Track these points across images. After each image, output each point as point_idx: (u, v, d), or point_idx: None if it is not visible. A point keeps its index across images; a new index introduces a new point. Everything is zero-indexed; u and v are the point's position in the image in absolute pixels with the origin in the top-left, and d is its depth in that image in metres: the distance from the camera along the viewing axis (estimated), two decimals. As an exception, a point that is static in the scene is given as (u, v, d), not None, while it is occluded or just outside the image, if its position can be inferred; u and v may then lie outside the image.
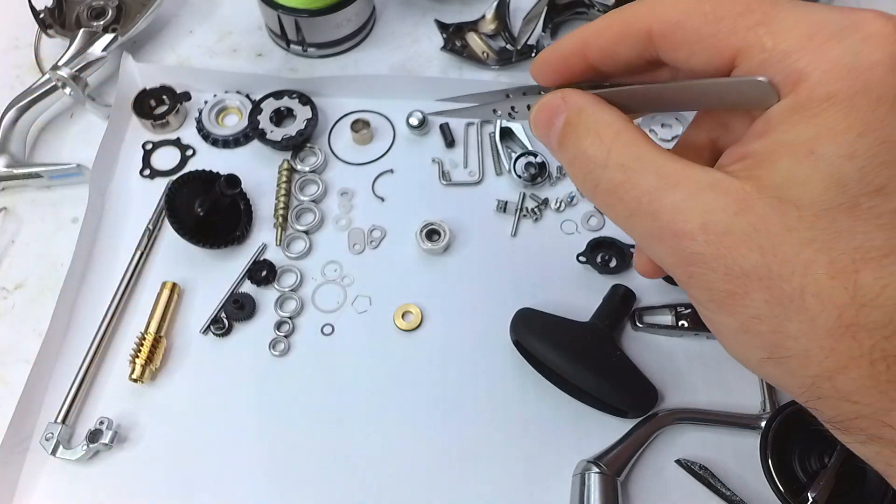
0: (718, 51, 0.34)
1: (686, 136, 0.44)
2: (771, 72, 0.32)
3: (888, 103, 0.30)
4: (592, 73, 0.41)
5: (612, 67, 0.40)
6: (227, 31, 0.92)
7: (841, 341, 0.30)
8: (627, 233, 0.38)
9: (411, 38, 0.91)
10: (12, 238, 0.77)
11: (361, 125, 0.81)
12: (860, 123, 0.30)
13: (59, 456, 0.63)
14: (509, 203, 0.77)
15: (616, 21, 0.39)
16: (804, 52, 0.31)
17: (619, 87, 0.39)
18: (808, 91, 0.31)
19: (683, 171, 0.34)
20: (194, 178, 0.73)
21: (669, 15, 0.36)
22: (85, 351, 0.68)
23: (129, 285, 0.72)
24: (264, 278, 0.72)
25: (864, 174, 0.30)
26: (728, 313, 0.34)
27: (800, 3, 0.33)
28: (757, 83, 0.33)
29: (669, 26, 0.36)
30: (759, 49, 0.33)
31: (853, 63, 0.30)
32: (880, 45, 0.30)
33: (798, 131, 0.31)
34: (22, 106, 0.79)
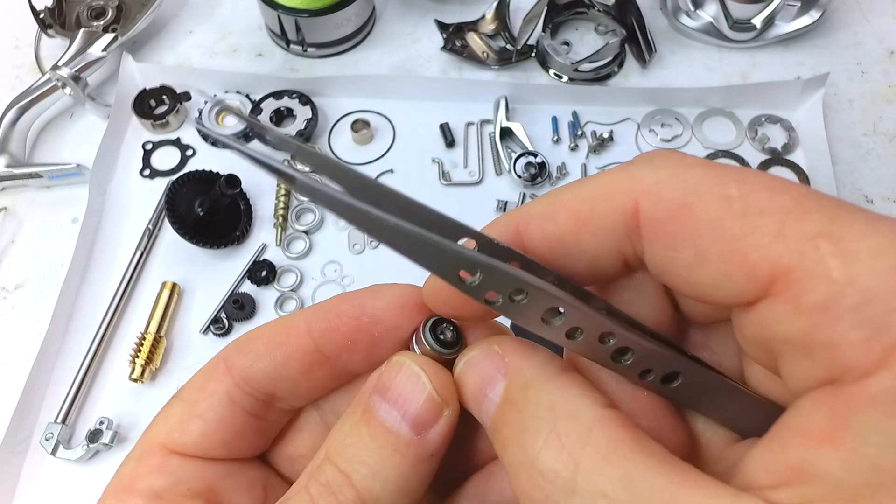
0: (747, 264, 0.22)
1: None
2: (843, 323, 0.21)
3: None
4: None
5: (566, 267, 0.27)
6: (227, 31, 0.92)
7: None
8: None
9: (411, 38, 0.91)
10: (12, 238, 0.77)
11: (361, 125, 0.81)
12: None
13: (59, 456, 0.63)
14: (509, 203, 0.77)
15: (580, 194, 0.26)
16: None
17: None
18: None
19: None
20: (194, 178, 0.73)
21: (671, 191, 0.24)
22: (85, 351, 0.68)
23: (129, 285, 0.72)
24: (264, 278, 0.72)
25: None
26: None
27: (867, 212, 0.22)
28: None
29: (670, 208, 0.23)
30: (822, 278, 0.21)
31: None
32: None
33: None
34: (22, 106, 0.79)
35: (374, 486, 0.26)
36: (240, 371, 0.30)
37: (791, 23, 0.87)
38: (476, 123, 0.83)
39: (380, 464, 0.27)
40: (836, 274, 0.21)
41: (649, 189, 0.24)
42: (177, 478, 0.29)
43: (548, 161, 0.78)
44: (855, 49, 0.89)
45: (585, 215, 0.25)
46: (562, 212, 0.26)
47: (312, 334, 0.30)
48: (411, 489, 0.27)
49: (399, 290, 0.30)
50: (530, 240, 0.27)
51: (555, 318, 0.25)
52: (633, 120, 0.83)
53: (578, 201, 0.26)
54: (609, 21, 0.89)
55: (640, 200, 0.24)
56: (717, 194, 0.23)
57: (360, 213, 0.22)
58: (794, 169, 0.80)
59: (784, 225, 0.22)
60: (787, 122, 0.83)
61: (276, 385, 0.30)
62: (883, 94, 0.86)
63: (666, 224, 0.24)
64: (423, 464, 0.27)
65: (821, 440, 0.21)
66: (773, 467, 0.22)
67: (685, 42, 0.90)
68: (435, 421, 0.27)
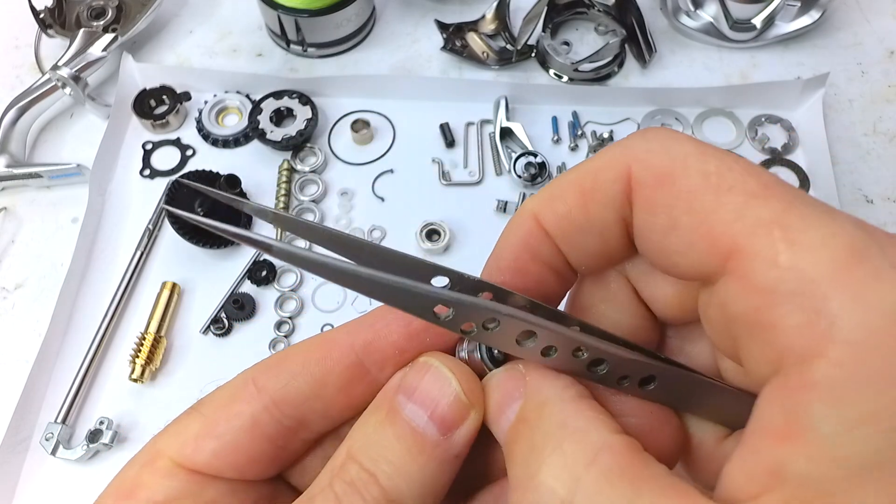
0: (711, 237, 0.24)
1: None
2: (783, 307, 0.22)
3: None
4: (561, 270, 0.30)
5: (583, 248, 0.29)
6: (227, 31, 0.92)
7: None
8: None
9: (411, 38, 0.91)
10: (12, 238, 0.77)
11: (361, 125, 0.81)
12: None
13: (59, 456, 0.63)
14: (509, 203, 0.77)
15: (583, 170, 0.28)
16: (835, 288, 0.21)
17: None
18: (858, 357, 0.20)
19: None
20: (194, 178, 0.73)
21: (657, 160, 0.25)
22: (85, 351, 0.68)
23: (129, 285, 0.72)
24: (264, 278, 0.72)
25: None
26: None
27: (824, 206, 0.23)
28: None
29: (655, 175, 0.25)
30: (769, 261, 0.22)
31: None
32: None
33: (869, 439, 0.20)
34: (22, 106, 0.79)
35: (400, 486, 0.26)
36: (271, 393, 0.29)
37: (791, 23, 0.87)
38: (476, 123, 0.83)
39: (406, 464, 0.27)
40: (782, 258, 0.22)
41: (640, 156, 0.26)
42: (179, 492, 0.28)
43: (548, 161, 0.78)
44: (855, 49, 0.89)
45: (589, 187, 0.27)
46: (568, 189, 0.28)
47: (355, 346, 0.29)
48: (436, 490, 0.27)
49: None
50: (545, 221, 0.28)
51: (528, 340, 0.26)
52: (633, 120, 0.83)
53: (582, 176, 0.27)
54: (609, 21, 0.89)
55: (633, 166, 0.26)
56: (697, 168, 0.24)
57: (334, 269, 0.24)
58: (794, 169, 0.80)
59: (747, 206, 0.23)
60: (787, 122, 0.83)
61: (309, 405, 0.29)
62: (883, 94, 0.86)
63: (649, 189, 0.25)
64: (448, 465, 0.27)
65: (783, 437, 0.21)
66: (752, 473, 0.22)
67: (685, 42, 0.90)
68: (461, 422, 0.27)
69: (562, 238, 0.28)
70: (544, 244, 0.28)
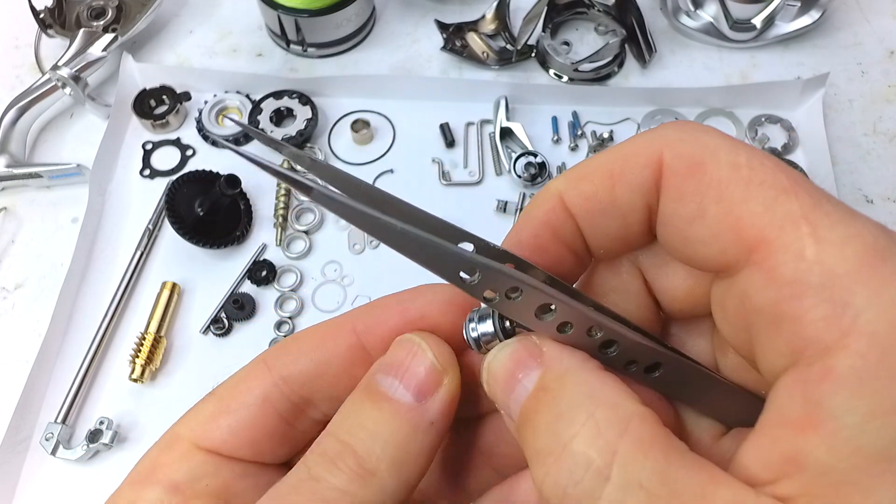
0: (738, 228, 0.24)
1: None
2: (808, 300, 0.22)
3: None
4: (579, 251, 0.30)
5: (604, 232, 0.29)
6: (227, 31, 0.92)
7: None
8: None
9: (411, 38, 0.91)
10: (12, 238, 0.77)
11: (361, 125, 0.81)
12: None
13: (59, 456, 0.63)
14: (509, 203, 0.77)
15: (614, 154, 0.28)
16: (859, 283, 0.22)
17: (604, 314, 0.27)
18: (880, 350, 0.21)
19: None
20: (194, 178, 0.73)
21: (690, 148, 0.26)
22: (85, 351, 0.68)
23: (129, 285, 0.72)
24: (264, 278, 0.72)
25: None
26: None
27: (847, 207, 0.24)
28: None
29: (686, 163, 0.25)
30: (796, 254, 0.23)
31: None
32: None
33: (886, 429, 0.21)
34: (22, 106, 0.79)
35: (374, 451, 0.27)
36: (280, 370, 0.30)
37: (791, 23, 0.87)
38: (476, 123, 0.83)
39: (381, 429, 0.27)
40: (808, 252, 0.22)
41: (672, 144, 0.26)
42: (197, 473, 0.29)
43: (548, 161, 0.78)
44: (855, 49, 0.89)
45: (619, 171, 0.27)
46: (597, 171, 0.28)
47: (357, 328, 0.31)
48: (410, 457, 0.27)
49: (446, 290, 0.31)
50: (569, 201, 0.28)
51: (546, 314, 0.26)
52: (633, 120, 0.83)
53: (612, 160, 0.28)
54: (609, 21, 0.89)
55: (664, 152, 0.26)
56: (728, 160, 0.25)
57: (370, 219, 0.23)
58: (794, 168, 0.80)
59: (776, 200, 0.23)
60: (787, 122, 0.83)
61: (314, 385, 0.31)
62: (883, 94, 0.86)
63: (679, 177, 0.26)
64: (423, 432, 0.27)
65: (803, 427, 0.22)
66: (768, 460, 0.23)
67: (685, 42, 0.90)
68: (435, 388, 0.28)
69: (584, 219, 0.28)
70: (566, 224, 0.29)
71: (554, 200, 0.29)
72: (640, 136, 0.28)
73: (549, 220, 0.29)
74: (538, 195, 0.30)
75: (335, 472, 0.26)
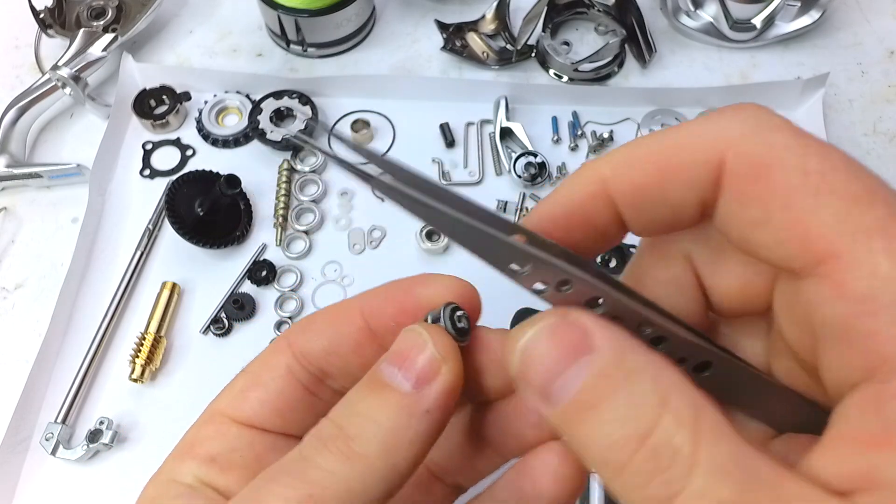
0: (806, 239, 0.23)
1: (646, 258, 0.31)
2: (883, 317, 0.21)
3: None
4: (611, 234, 0.28)
5: (648, 219, 0.27)
6: (227, 31, 0.92)
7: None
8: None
9: (411, 38, 0.91)
10: (12, 238, 0.77)
11: (361, 125, 0.81)
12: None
13: (59, 456, 0.63)
14: (509, 203, 0.77)
15: (666, 143, 0.26)
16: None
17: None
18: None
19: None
20: (194, 178, 0.73)
21: (755, 149, 0.24)
22: (85, 351, 0.68)
23: (129, 285, 0.72)
24: (264, 278, 0.72)
25: None
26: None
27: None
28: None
29: (752, 166, 0.24)
30: (869, 270, 0.22)
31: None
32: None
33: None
34: (22, 106, 0.79)
35: (365, 432, 0.27)
36: (299, 346, 0.32)
37: (791, 23, 0.87)
38: (476, 123, 0.83)
39: (375, 412, 0.28)
40: (882, 269, 0.21)
41: (735, 143, 0.24)
42: (232, 445, 0.31)
43: (548, 161, 0.78)
44: (855, 49, 0.89)
45: (671, 165, 0.26)
46: (646, 160, 0.26)
47: (364, 312, 0.32)
48: (403, 442, 0.27)
49: (446, 281, 0.32)
50: (614, 188, 0.27)
51: (595, 308, 0.26)
52: (633, 120, 0.83)
53: (664, 150, 0.26)
54: (609, 21, 0.89)
55: (727, 153, 0.24)
56: (797, 164, 0.23)
57: (428, 209, 0.25)
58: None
59: (848, 212, 0.22)
60: (787, 122, 0.83)
61: (329, 360, 0.32)
62: (883, 94, 0.86)
63: (744, 180, 0.24)
64: (418, 420, 0.27)
65: (878, 444, 0.21)
66: (840, 472, 0.22)
67: (685, 42, 0.90)
68: (433, 377, 0.28)
69: (628, 206, 0.27)
70: (605, 210, 0.27)
71: (596, 185, 0.27)
72: (699, 126, 0.25)
73: (586, 205, 0.27)
74: (579, 174, 0.28)
75: (325, 453, 0.27)
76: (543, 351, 0.25)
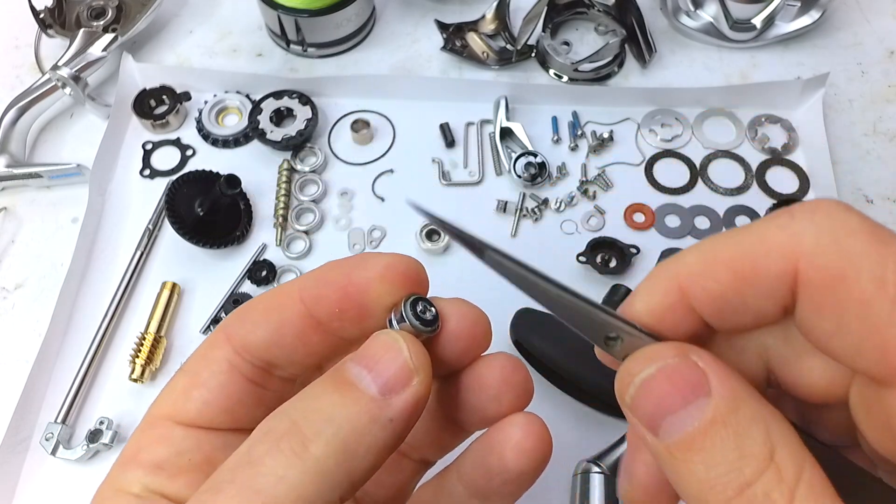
0: (885, 350, 0.23)
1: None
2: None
3: None
4: (694, 331, 0.28)
5: (731, 322, 0.27)
6: (227, 31, 0.92)
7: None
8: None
9: (411, 38, 0.91)
10: (12, 238, 0.77)
11: (361, 125, 0.81)
12: None
13: (59, 456, 0.63)
14: (509, 203, 0.77)
15: (739, 250, 0.26)
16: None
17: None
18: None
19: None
20: (194, 178, 0.73)
21: (829, 260, 0.23)
22: (85, 351, 0.68)
23: (129, 285, 0.72)
24: (264, 278, 0.72)
25: None
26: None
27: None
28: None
29: (825, 277, 0.23)
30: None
31: None
32: None
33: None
34: (22, 106, 0.79)
35: (324, 433, 0.25)
36: (238, 339, 0.30)
37: (791, 23, 0.87)
38: (476, 123, 0.83)
39: (336, 412, 0.26)
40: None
41: (809, 252, 0.24)
42: (179, 448, 0.29)
43: (548, 161, 0.78)
44: (855, 49, 0.89)
45: (748, 273, 0.25)
46: (721, 269, 0.26)
47: (305, 301, 0.30)
48: (361, 449, 0.26)
49: (384, 260, 0.30)
50: (694, 297, 0.27)
51: None
52: (633, 120, 0.83)
53: (738, 258, 0.26)
54: (609, 21, 0.89)
55: (800, 263, 0.24)
56: (873, 274, 0.23)
57: (541, 288, 0.27)
58: (794, 169, 0.80)
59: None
60: (787, 122, 0.83)
61: (273, 352, 0.30)
62: (883, 94, 0.86)
63: (817, 291, 0.24)
64: (381, 427, 0.26)
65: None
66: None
67: (685, 42, 0.90)
68: (403, 387, 0.27)
69: (708, 314, 0.27)
70: (687, 317, 0.27)
71: (674, 296, 0.27)
72: (772, 232, 0.25)
73: (668, 315, 0.28)
74: (656, 280, 0.28)
75: (276, 454, 0.25)
76: (661, 388, 0.25)
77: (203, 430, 0.30)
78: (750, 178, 0.79)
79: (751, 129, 0.83)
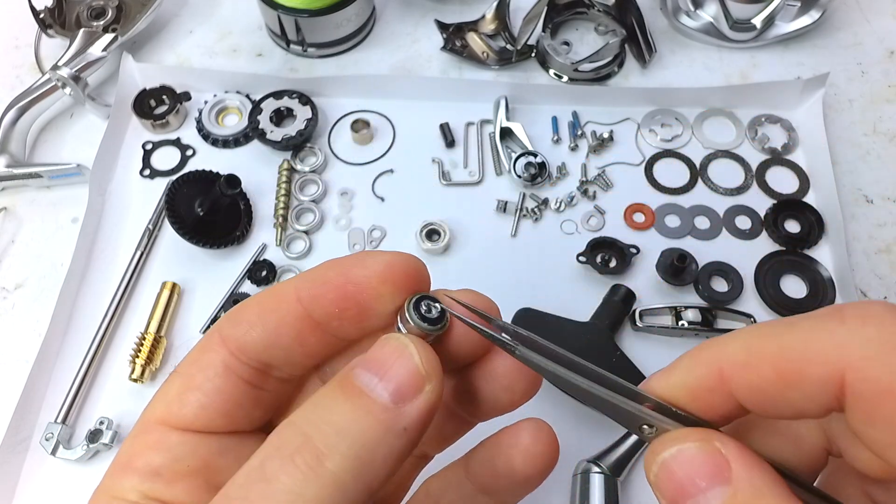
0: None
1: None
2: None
3: None
4: (735, 415, 0.28)
5: (772, 413, 0.27)
6: (227, 31, 0.92)
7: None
8: None
9: (411, 38, 0.91)
10: (12, 238, 0.77)
11: (361, 125, 0.81)
12: None
13: (59, 456, 0.63)
14: (509, 203, 0.77)
15: (785, 350, 0.25)
16: None
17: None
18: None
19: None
20: (194, 178, 0.73)
21: (877, 373, 0.23)
22: (85, 351, 0.68)
23: (129, 285, 0.72)
24: (264, 278, 0.72)
25: None
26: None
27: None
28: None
29: (874, 390, 0.23)
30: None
31: None
32: None
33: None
34: (22, 106, 0.79)
35: (338, 447, 0.25)
36: (233, 341, 0.29)
37: (791, 23, 0.87)
38: (476, 123, 0.83)
39: (349, 424, 0.25)
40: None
41: (856, 364, 0.23)
42: (175, 454, 0.28)
43: (548, 161, 0.78)
44: (855, 49, 0.89)
45: (794, 377, 0.25)
46: (765, 365, 0.25)
47: (302, 301, 0.29)
48: (377, 460, 0.25)
49: (384, 259, 0.29)
50: (736, 388, 0.26)
51: None
52: (633, 120, 0.83)
53: (783, 358, 0.25)
54: (609, 21, 0.89)
55: (847, 373, 0.23)
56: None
57: (573, 386, 0.28)
58: (794, 169, 0.80)
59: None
60: (787, 122, 0.83)
61: (270, 353, 0.29)
62: (883, 94, 0.86)
63: (868, 402, 0.23)
64: (395, 437, 0.26)
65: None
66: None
67: (685, 42, 0.90)
68: (415, 394, 0.26)
69: (748, 402, 0.27)
70: (725, 401, 0.27)
71: (714, 380, 0.27)
72: (818, 335, 0.24)
73: (705, 397, 0.27)
74: (696, 362, 0.28)
75: (291, 470, 0.24)
76: (682, 470, 0.25)
77: (199, 433, 0.29)
78: (750, 178, 0.79)
79: (751, 129, 0.83)
